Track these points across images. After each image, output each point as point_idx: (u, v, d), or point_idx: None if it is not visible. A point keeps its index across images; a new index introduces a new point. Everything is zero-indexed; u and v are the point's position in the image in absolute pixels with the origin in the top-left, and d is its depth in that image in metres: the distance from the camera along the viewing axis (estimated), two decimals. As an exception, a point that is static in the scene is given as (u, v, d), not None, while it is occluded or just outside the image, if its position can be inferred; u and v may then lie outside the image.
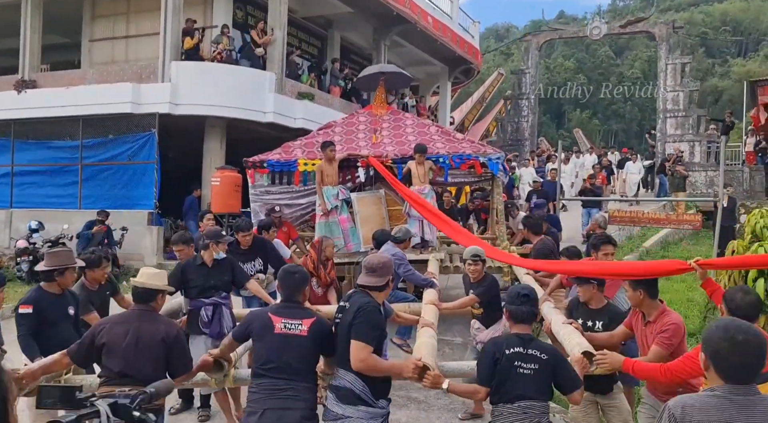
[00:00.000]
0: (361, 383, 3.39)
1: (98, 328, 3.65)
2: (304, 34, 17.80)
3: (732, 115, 20.83)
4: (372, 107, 10.42)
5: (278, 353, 3.44)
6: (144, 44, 14.62)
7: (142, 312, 3.73)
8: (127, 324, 3.65)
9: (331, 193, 8.36)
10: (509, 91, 27.73)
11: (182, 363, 3.71)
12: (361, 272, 3.65)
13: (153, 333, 3.60)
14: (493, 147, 10.91)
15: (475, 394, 3.58)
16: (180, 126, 13.47)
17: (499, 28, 70.52)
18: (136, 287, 3.76)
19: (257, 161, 9.10)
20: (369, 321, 3.41)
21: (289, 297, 3.66)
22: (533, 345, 3.41)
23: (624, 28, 22.51)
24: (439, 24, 19.63)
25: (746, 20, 59.11)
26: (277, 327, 3.49)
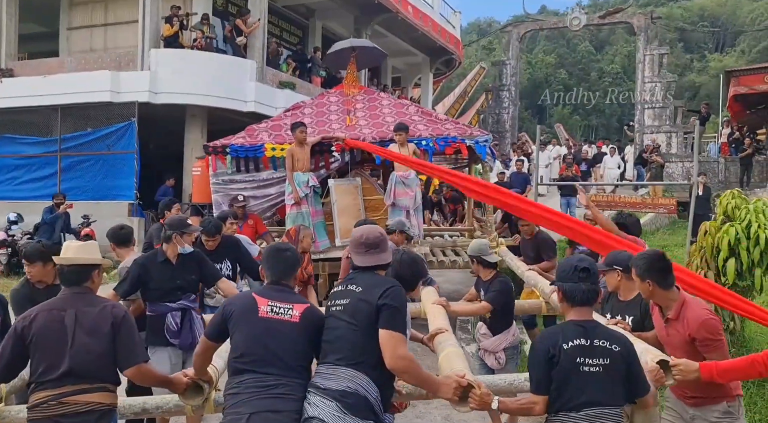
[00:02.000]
0: (375, 390, 2.67)
1: (21, 323, 2.91)
2: (286, 23, 17.76)
3: (708, 106, 21.15)
4: (343, 86, 9.49)
5: (263, 341, 2.75)
6: (123, 32, 14.50)
7: (77, 295, 2.99)
8: (59, 310, 2.91)
9: (300, 180, 7.57)
10: (490, 82, 27.89)
11: (132, 349, 2.96)
12: (356, 251, 2.98)
13: (98, 317, 2.91)
14: (480, 129, 10.21)
15: (532, 408, 2.72)
16: (160, 115, 13.38)
17: (482, 23, 70.71)
18: (63, 267, 3.02)
19: (218, 146, 8.28)
20: (403, 307, 2.74)
21: (278, 279, 2.99)
22: (599, 333, 2.68)
23: (603, 19, 22.74)
24: (420, 13, 19.69)
25: (723, 15, 59.85)
26: (262, 310, 2.82)
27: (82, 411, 2.83)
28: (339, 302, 2.84)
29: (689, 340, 3.10)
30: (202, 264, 4.68)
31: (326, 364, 2.76)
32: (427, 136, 8.19)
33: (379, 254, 2.93)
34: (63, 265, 3.04)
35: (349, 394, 2.63)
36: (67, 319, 2.88)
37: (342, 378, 2.66)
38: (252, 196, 8.15)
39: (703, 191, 13.25)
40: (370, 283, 2.80)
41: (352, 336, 2.71)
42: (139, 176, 13.09)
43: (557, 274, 2.90)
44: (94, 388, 2.87)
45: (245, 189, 8.17)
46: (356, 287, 2.82)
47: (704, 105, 21.30)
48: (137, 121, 12.94)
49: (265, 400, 2.65)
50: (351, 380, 2.65)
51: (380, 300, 2.69)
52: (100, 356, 2.88)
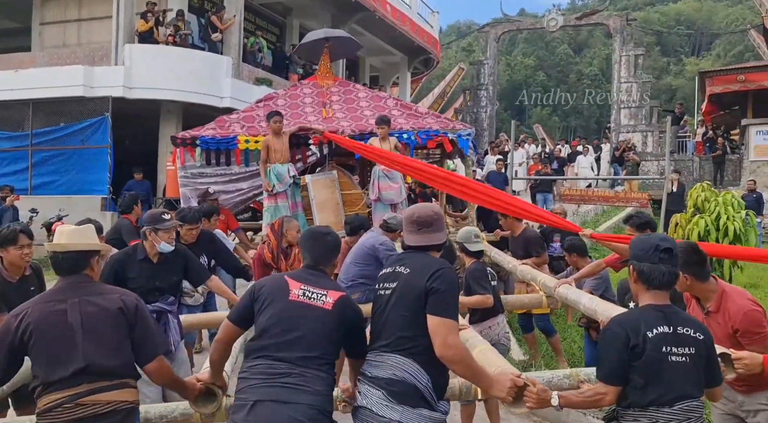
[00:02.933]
0: (426, 377, 2.46)
1: (13, 320, 2.55)
2: (263, 21, 17.69)
3: (682, 106, 21.48)
4: (317, 77, 9.10)
5: (287, 326, 2.52)
6: (97, 27, 14.33)
7: (77, 284, 2.65)
8: (58, 302, 2.58)
9: (279, 171, 7.26)
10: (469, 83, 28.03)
11: (152, 340, 2.68)
12: (407, 230, 2.74)
13: (107, 306, 2.60)
14: (463, 123, 9.91)
15: (600, 400, 2.47)
16: (135, 111, 13.27)
17: (461, 25, 71.04)
18: (57, 254, 2.67)
19: (187, 138, 7.89)
20: (454, 291, 2.54)
21: (315, 263, 2.74)
22: (680, 320, 2.46)
23: (579, 20, 23.00)
24: (398, 13, 19.72)
25: (699, 20, 60.79)
26: (293, 293, 2.58)
27: (104, 411, 2.51)
28: (387, 285, 2.63)
29: (731, 333, 2.93)
30: (188, 263, 4.24)
31: (374, 351, 2.58)
32: (409, 129, 7.90)
33: (431, 233, 2.67)
34: (57, 253, 2.67)
35: (396, 381, 2.45)
36: (71, 310, 2.54)
37: (389, 365, 2.48)
38: (223, 190, 7.79)
39: (678, 188, 13.44)
40: (420, 265, 2.57)
41: (400, 321, 2.51)
42: (112, 171, 12.95)
43: (633, 252, 2.59)
44: (114, 385, 2.55)
45: (216, 183, 7.83)
46: (405, 268, 2.60)
47: (678, 105, 21.66)
48: (111, 116, 12.81)
49: (273, 389, 2.42)
50: (398, 367, 2.47)
51: (429, 282, 2.47)
52: (115, 349, 2.57)
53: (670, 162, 12.22)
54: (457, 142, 7.99)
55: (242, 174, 7.87)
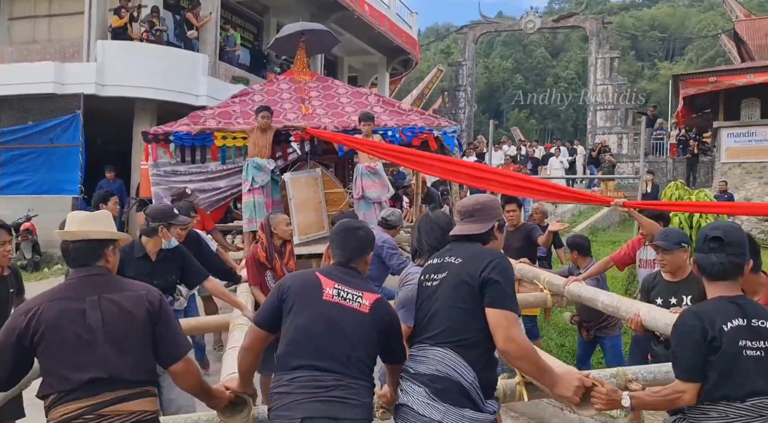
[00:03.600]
0: (472, 373, 2.29)
1: (21, 319, 2.25)
2: (240, 19, 17.52)
3: (655, 109, 21.79)
4: (293, 73, 8.80)
5: (325, 331, 2.32)
6: (68, 23, 14.04)
7: (92, 278, 2.35)
8: (74, 299, 2.27)
9: (261, 165, 7.01)
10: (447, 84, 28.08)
11: (177, 340, 2.39)
12: (455, 220, 2.68)
13: (129, 304, 2.31)
14: (447, 120, 9.48)
15: (678, 399, 2.31)
16: (108, 109, 13.01)
17: (440, 28, 71.22)
18: (68, 243, 2.37)
19: (159, 133, 7.52)
20: (511, 281, 2.39)
21: (347, 261, 2.55)
22: (754, 312, 2.34)
23: (556, 22, 23.19)
24: (376, 12, 19.68)
25: (673, 25, 61.75)
26: (327, 292, 2.38)
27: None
28: (434, 276, 2.48)
29: None
30: (186, 262, 4.04)
31: (417, 345, 2.43)
32: (393, 126, 7.69)
33: (470, 223, 2.56)
34: (68, 242, 2.36)
35: (439, 378, 2.29)
36: (90, 310, 2.24)
37: (432, 360, 2.33)
38: (199, 188, 7.46)
39: (652, 189, 13.62)
40: (471, 254, 2.43)
41: (449, 313, 2.36)
42: (84, 170, 12.67)
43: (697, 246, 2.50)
44: (137, 393, 2.27)
45: (191, 181, 7.47)
46: (454, 258, 2.46)
47: (651, 107, 21.95)
48: (83, 114, 12.53)
49: (322, 404, 2.21)
50: (442, 362, 2.31)
51: (484, 273, 2.31)
52: (139, 354, 2.29)
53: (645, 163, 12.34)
54: (442, 140, 7.79)
55: (219, 172, 7.53)
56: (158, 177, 7.50)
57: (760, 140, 16.86)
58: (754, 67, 17.48)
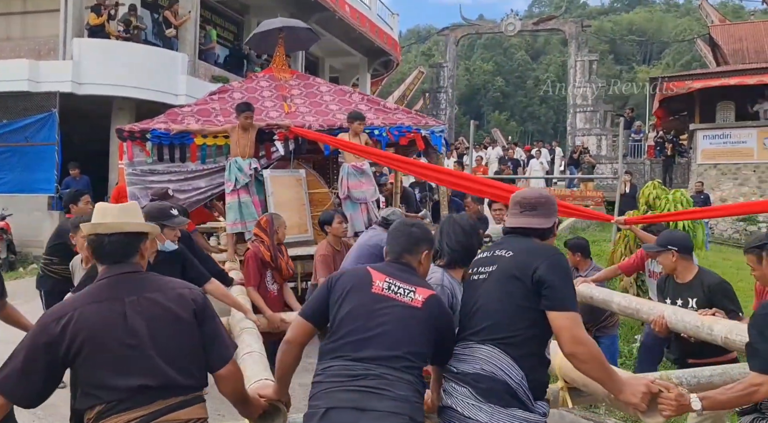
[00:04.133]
0: (519, 372, 2.17)
1: (53, 325, 1.99)
2: (220, 18, 17.42)
3: (632, 111, 22.08)
4: (272, 70, 8.50)
5: (368, 322, 2.19)
6: (43, 20, 13.83)
7: (130, 276, 2.13)
8: (115, 301, 2.05)
9: (243, 165, 6.76)
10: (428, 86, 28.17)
11: (224, 341, 2.21)
12: (510, 212, 2.54)
13: (173, 304, 2.11)
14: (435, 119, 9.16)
15: (754, 394, 2.22)
16: (85, 107, 12.86)
17: (421, 30, 71.47)
18: (103, 237, 2.14)
19: (136, 131, 7.12)
20: (569, 279, 2.28)
21: (398, 256, 2.45)
22: None
23: (536, 25, 23.39)
24: (357, 13, 19.68)
25: (650, 30, 62.60)
26: (376, 285, 2.28)
27: None
28: (483, 270, 2.38)
29: None
30: (187, 264, 3.81)
31: (462, 343, 2.31)
32: (380, 125, 7.46)
33: (533, 217, 2.42)
34: (102, 235, 2.13)
35: (484, 377, 2.18)
36: (131, 312, 2.03)
37: (477, 358, 2.22)
38: (179, 189, 7.11)
39: (630, 189, 13.76)
40: (524, 249, 2.32)
41: (497, 308, 2.25)
42: (60, 169, 12.50)
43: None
44: (190, 400, 2.09)
45: (170, 181, 7.10)
46: (506, 252, 2.35)
47: (629, 109, 22.21)
48: (59, 112, 12.36)
49: (348, 393, 2.08)
50: (487, 361, 2.19)
51: (539, 271, 2.19)
52: (189, 357, 2.10)
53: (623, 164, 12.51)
54: (429, 139, 7.59)
55: (199, 171, 7.20)
56: (134, 176, 7.14)
57: (735, 142, 17.15)
58: (729, 70, 17.77)
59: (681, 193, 7.64)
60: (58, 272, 5.13)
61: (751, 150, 16.96)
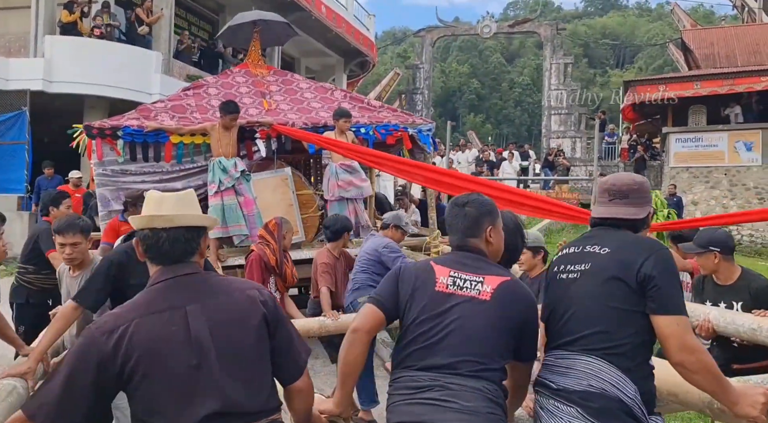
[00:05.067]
0: (632, 386, 1.92)
1: (109, 337, 1.65)
2: (194, 17, 17.24)
3: (604, 114, 22.38)
4: (248, 65, 8.12)
5: (432, 325, 1.96)
6: (14, 17, 13.54)
7: (192, 280, 1.80)
8: (174, 310, 1.72)
9: (228, 165, 6.40)
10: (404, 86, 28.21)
11: (296, 349, 1.91)
12: (599, 201, 2.26)
13: (240, 308, 1.78)
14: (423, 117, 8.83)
15: None
16: (56, 106, 12.59)
17: (396, 32, 71.65)
18: (159, 232, 1.80)
19: (106, 128, 6.57)
20: (677, 278, 2.01)
21: (462, 243, 2.15)
22: None
23: (512, 28, 23.57)
24: (333, 14, 19.62)
25: (623, 34, 63.59)
26: (440, 282, 2.02)
27: None
28: (571, 267, 2.11)
29: None
30: None
31: (557, 352, 2.05)
32: (366, 123, 7.18)
33: (625, 206, 2.14)
34: (159, 230, 1.80)
35: (594, 394, 1.91)
36: (194, 322, 1.70)
37: (581, 372, 1.95)
38: (152, 189, 7.00)
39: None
40: (622, 243, 2.05)
41: (596, 313, 1.99)
42: (31, 169, 12.23)
43: None
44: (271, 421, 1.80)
45: (143, 182, 6.59)
46: (600, 248, 2.07)
47: (601, 113, 22.52)
48: (30, 111, 12.09)
49: (414, 407, 1.88)
50: (595, 375, 1.93)
51: (645, 269, 1.94)
52: (260, 375, 1.78)
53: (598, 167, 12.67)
54: (417, 138, 7.34)
55: (176, 172, 6.76)
56: (104, 177, 6.61)
57: (707, 146, 17.45)
58: (701, 75, 18.08)
59: (656, 194, 7.78)
60: (33, 282, 4.79)
61: (722, 153, 17.28)
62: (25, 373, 2.56)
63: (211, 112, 6.96)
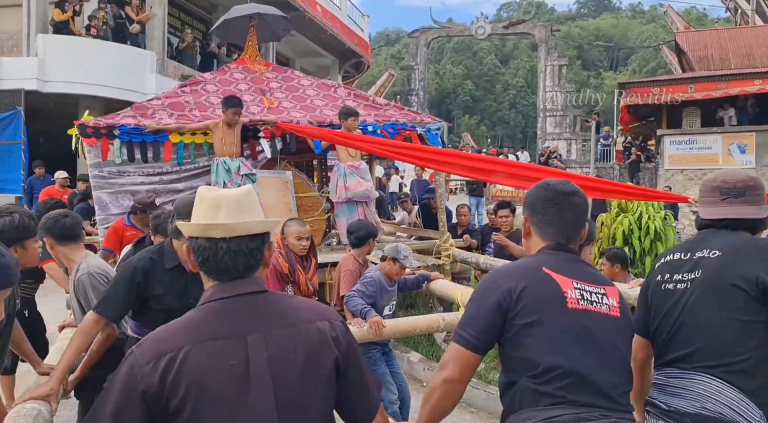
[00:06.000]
0: (757, 412, 1.71)
1: (155, 366, 1.40)
2: (187, 16, 17.17)
3: (598, 116, 22.47)
4: (245, 61, 7.77)
5: (581, 352, 1.63)
6: (5, 15, 13.39)
7: (254, 300, 1.52)
8: (234, 339, 1.45)
9: (232, 167, 6.10)
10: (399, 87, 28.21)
11: (369, 384, 1.63)
12: (707, 201, 2.02)
13: (309, 342, 1.50)
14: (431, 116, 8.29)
15: None
16: (51, 106, 12.52)
17: (390, 33, 71.70)
18: (215, 243, 1.51)
19: (101, 126, 6.19)
20: None
21: (567, 241, 1.81)
22: None
23: (506, 29, 23.61)
24: (328, 14, 19.60)
25: (616, 36, 63.79)
26: (570, 297, 1.67)
27: None
28: (682, 277, 1.89)
29: None
30: None
31: (668, 370, 1.86)
32: (373, 122, 6.91)
33: (741, 205, 1.93)
34: (217, 240, 1.49)
35: (709, 419, 1.72)
36: (255, 356, 1.43)
37: (694, 393, 1.77)
38: (152, 191, 6.21)
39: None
40: (737, 247, 1.85)
41: (712, 325, 1.79)
42: (27, 169, 12.13)
43: None
44: None
45: (142, 184, 6.29)
46: (711, 252, 1.87)
47: (594, 114, 22.60)
48: (24, 110, 11.99)
49: None
50: (709, 397, 1.74)
51: (766, 275, 1.74)
52: (321, 418, 1.51)
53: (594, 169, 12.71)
54: (426, 137, 7.08)
55: (176, 173, 6.43)
56: (101, 179, 6.26)
57: (701, 148, 17.50)
58: (695, 77, 18.13)
59: (658, 195, 7.77)
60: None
61: (717, 156, 17.33)
62: (48, 396, 2.43)
63: (211, 110, 6.69)
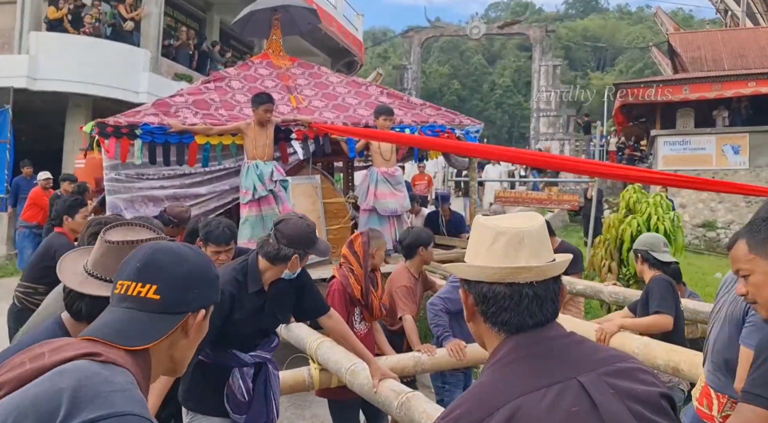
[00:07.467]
0: None
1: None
2: (181, 15, 16.89)
3: (587, 116, 22.50)
4: (268, 56, 7.27)
5: None
6: (-3, 12, 13.11)
7: (559, 344, 1.24)
8: (559, 384, 1.15)
9: (264, 171, 5.66)
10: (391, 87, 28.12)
11: None
12: None
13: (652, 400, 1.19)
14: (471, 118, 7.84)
15: None
16: (38, 105, 12.25)
17: (377, 31, 71.54)
18: (519, 289, 1.23)
19: (122, 125, 5.64)
20: None
21: None
22: None
23: (501, 29, 23.56)
24: (323, 13, 19.37)
25: (604, 37, 64.11)
26: None
27: None
28: None
29: None
30: (306, 292, 2.94)
31: None
32: (410, 124, 6.58)
33: None
34: (522, 286, 1.24)
35: None
36: (598, 395, 1.14)
37: None
38: (172, 196, 5.76)
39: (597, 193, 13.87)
40: None
41: None
42: (11, 168, 11.83)
43: None
44: None
45: (162, 188, 5.80)
46: None
47: (584, 115, 22.64)
48: (12, 109, 11.69)
49: None
50: None
51: None
52: None
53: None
54: (464, 140, 6.73)
55: (199, 175, 5.93)
56: (117, 183, 5.66)
57: (695, 149, 17.54)
58: (690, 78, 18.18)
59: (661, 196, 7.70)
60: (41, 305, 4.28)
61: (710, 156, 17.38)
62: None
63: (238, 109, 6.24)
